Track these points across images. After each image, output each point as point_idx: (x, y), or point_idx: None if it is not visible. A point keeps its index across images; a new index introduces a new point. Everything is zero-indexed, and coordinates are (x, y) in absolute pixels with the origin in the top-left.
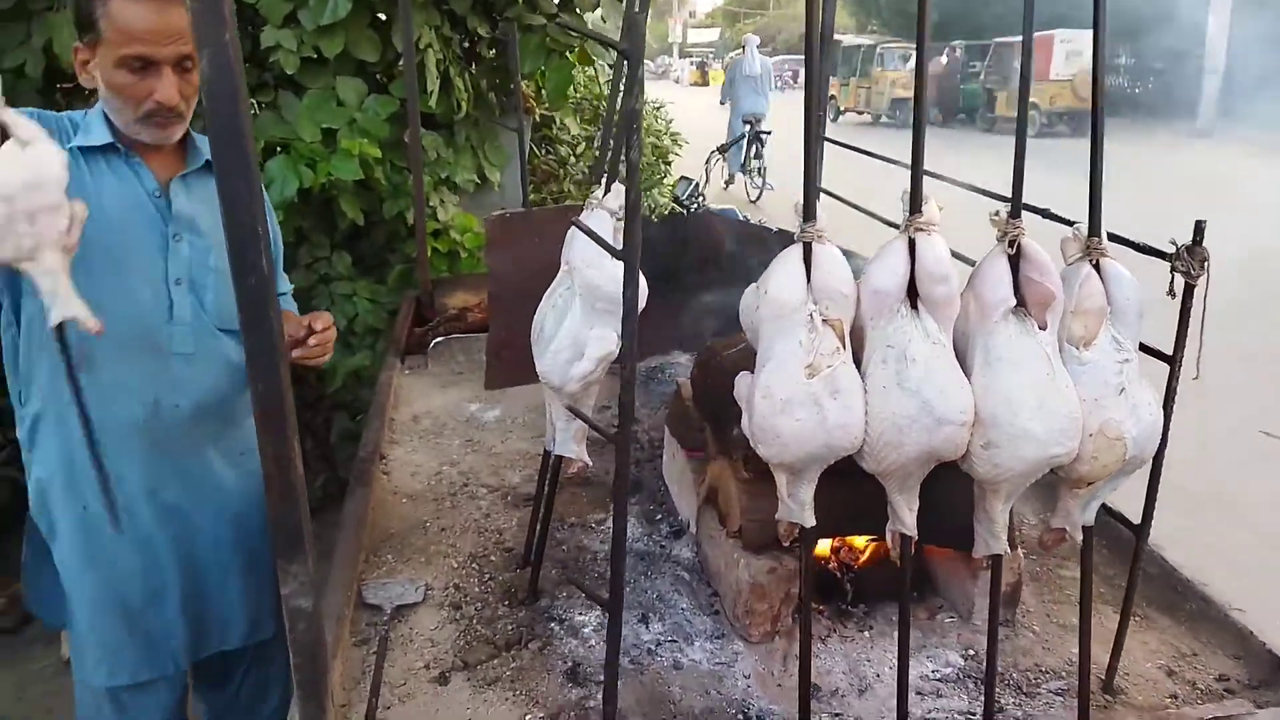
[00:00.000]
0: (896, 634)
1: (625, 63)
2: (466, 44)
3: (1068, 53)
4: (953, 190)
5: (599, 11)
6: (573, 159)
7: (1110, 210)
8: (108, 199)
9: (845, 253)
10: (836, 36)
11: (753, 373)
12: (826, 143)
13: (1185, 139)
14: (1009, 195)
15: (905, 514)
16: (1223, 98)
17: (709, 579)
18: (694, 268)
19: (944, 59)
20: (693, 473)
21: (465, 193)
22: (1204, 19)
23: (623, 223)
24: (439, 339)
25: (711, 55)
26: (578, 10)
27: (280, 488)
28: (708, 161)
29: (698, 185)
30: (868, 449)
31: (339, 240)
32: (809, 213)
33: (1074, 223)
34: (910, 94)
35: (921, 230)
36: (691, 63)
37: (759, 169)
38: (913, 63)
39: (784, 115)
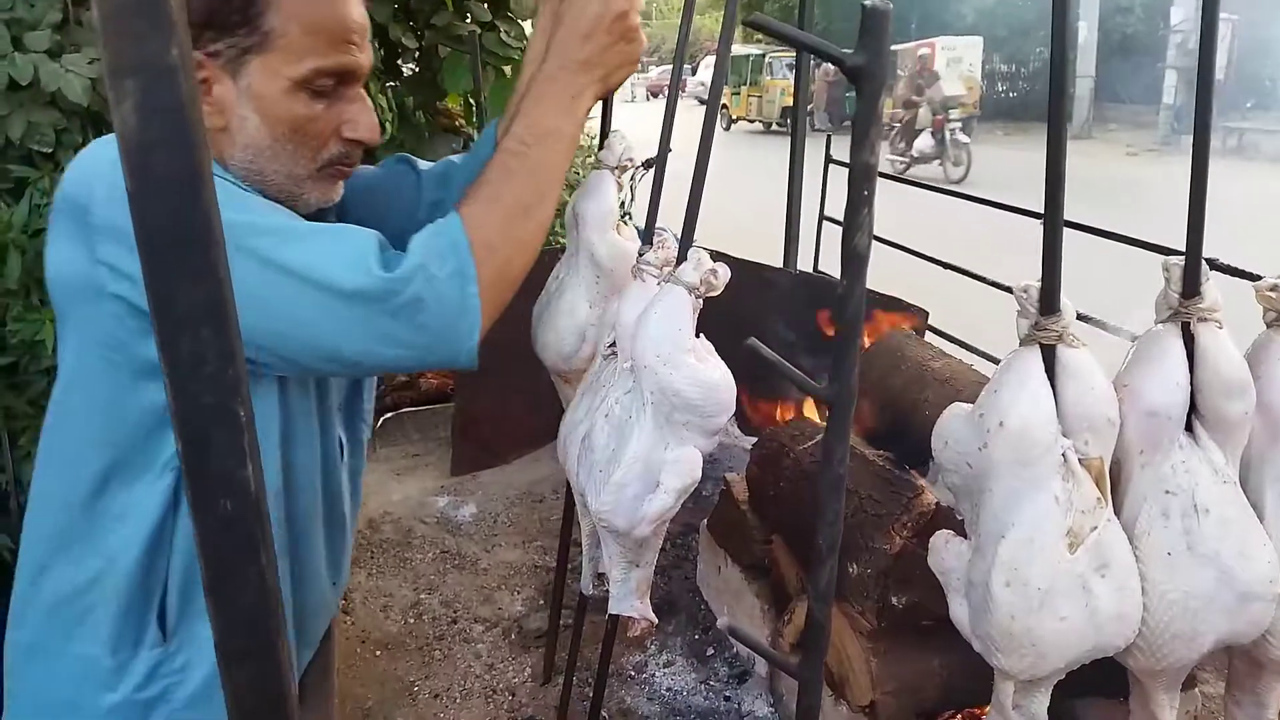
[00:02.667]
0: None
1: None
2: (385, 55)
3: (949, 59)
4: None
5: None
6: None
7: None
8: None
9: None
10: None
11: (958, 534)
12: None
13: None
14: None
15: (1166, 715)
16: (1096, 101)
17: None
18: None
19: (830, 66)
20: (756, 597)
21: None
22: (1075, 24)
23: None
24: (387, 414)
25: None
26: (511, 15)
27: None
28: (631, 176)
29: (623, 203)
30: (1145, 643)
31: None
32: (1049, 304)
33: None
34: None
35: (1205, 321)
36: None
37: None
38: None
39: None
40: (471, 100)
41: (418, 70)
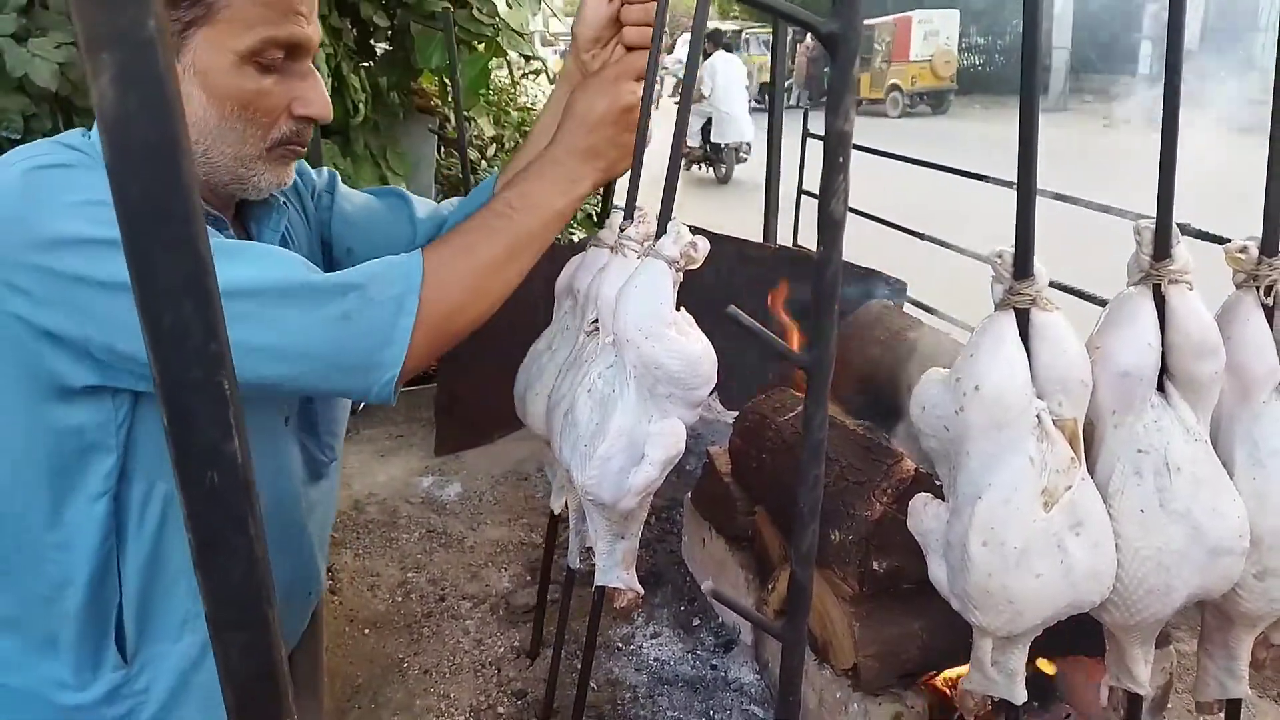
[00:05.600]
0: None
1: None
2: (358, 35)
3: (925, 33)
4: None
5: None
6: (484, 164)
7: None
8: None
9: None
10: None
11: (935, 495)
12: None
13: (1040, 115)
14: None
15: (1141, 669)
16: (1071, 73)
17: None
18: None
19: (810, 42)
20: (741, 567)
21: None
22: None
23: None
24: None
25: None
26: None
27: None
28: None
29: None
30: (1119, 599)
31: None
32: (1023, 268)
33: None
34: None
35: (1176, 283)
36: (554, 52)
37: None
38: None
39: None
40: (445, 80)
41: (390, 49)
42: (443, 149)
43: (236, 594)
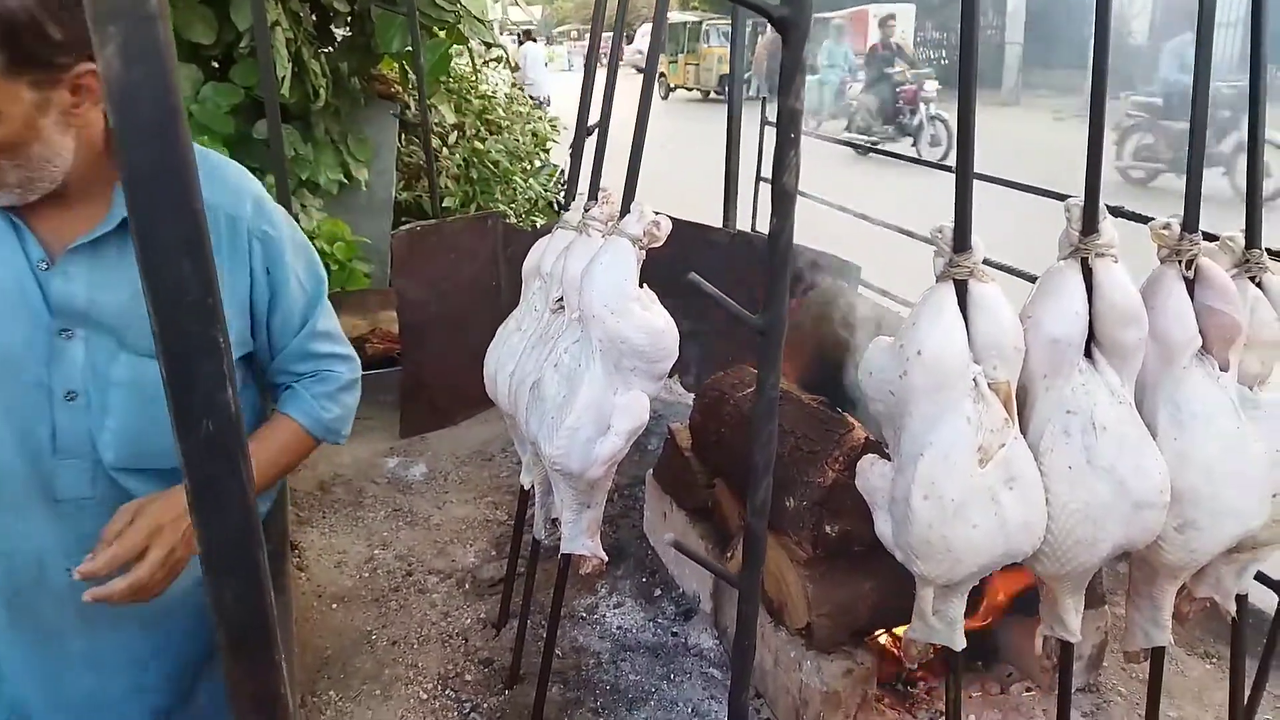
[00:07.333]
0: (975, 717)
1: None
2: (318, 19)
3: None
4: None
5: None
6: (445, 150)
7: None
8: None
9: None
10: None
11: (883, 458)
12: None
13: (993, 108)
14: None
15: (1072, 618)
16: (1024, 68)
17: None
18: None
19: (769, 35)
20: (701, 538)
21: (328, 195)
22: None
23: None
24: None
25: (534, 32)
26: None
27: None
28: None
29: (563, 172)
30: (1050, 549)
31: None
32: (961, 242)
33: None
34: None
35: (1102, 256)
36: (514, 40)
37: None
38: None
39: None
40: (406, 66)
41: (350, 34)
42: (403, 135)
43: (230, 538)
